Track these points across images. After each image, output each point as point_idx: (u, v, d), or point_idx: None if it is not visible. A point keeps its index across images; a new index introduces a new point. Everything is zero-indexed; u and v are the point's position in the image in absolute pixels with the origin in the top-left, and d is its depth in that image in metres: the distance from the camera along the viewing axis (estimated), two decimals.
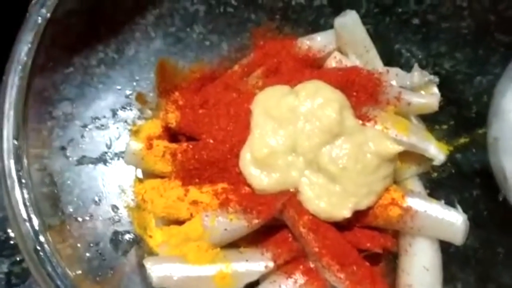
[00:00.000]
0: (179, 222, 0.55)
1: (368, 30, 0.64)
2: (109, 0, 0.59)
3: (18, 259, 0.63)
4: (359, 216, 0.54)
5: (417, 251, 0.55)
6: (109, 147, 0.61)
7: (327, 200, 0.53)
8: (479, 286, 0.58)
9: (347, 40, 0.63)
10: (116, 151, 0.61)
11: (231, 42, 0.66)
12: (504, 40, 0.61)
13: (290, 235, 0.55)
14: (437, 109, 0.60)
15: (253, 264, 0.53)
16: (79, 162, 0.59)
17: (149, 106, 0.63)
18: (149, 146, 0.57)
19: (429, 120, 0.63)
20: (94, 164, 0.60)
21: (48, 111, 0.57)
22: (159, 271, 0.52)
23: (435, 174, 0.63)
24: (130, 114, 0.63)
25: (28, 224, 0.48)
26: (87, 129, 0.60)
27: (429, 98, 0.60)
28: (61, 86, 0.58)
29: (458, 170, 0.63)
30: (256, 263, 0.53)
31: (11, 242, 0.63)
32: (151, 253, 0.56)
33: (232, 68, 0.65)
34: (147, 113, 0.63)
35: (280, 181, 0.53)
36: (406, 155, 0.58)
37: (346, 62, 0.63)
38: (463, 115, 0.63)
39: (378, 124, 0.56)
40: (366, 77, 0.59)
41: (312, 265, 0.54)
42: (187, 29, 0.64)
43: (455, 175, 0.63)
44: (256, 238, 0.55)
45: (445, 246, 0.56)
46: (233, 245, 0.55)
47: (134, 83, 0.63)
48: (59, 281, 0.47)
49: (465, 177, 0.62)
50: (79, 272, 0.52)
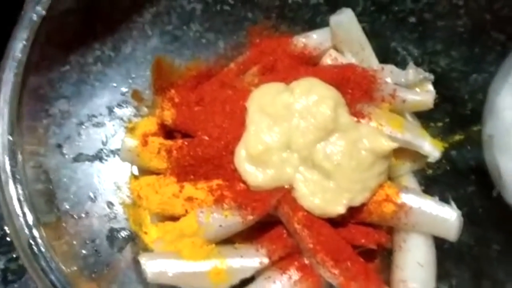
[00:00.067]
0: (174, 219, 0.55)
1: (365, 28, 0.64)
2: None
3: (15, 256, 0.63)
4: (354, 213, 0.54)
5: (411, 247, 0.55)
6: (105, 144, 0.61)
7: (322, 197, 0.53)
8: (474, 283, 0.58)
9: (343, 38, 0.63)
10: (112, 148, 0.62)
11: (228, 40, 0.66)
12: (500, 39, 0.61)
13: (285, 232, 0.55)
14: (432, 107, 0.60)
15: (248, 260, 0.53)
16: (75, 160, 0.59)
17: (145, 104, 0.63)
18: (144, 143, 0.57)
19: (424, 117, 0.63)
20: (90, 162, 0.60)
21: (45, 109, 0.57)
22: (154, 267, 0.52)
23: (430, 171, 0.63)
24: (127, 112, 0.63)
25: (22, 219, 0.48)
26: (84, 127, 0.60)
27: (424, 96, 0.60)
28: (58, 84, 0.58)
29: (453, 167, 0.63)
30: (251, 259, 0.53)
31: (8, 239, 0.63)
32: (147, 250, 0.56)
33: (228, 66, 0.65)
34: (143, 111, 0.63)
35: (275, 178, 0.54)
36: (401, 152, 0.58)
37: (342, 60, 0.63)
38: (458, 113, 0.63)
39: (373, 121, 0.56)
40: (361, 75, 0.59)
41: (307, 261, 0.54)
42: (184, 27, 0.65)
43: (450, 172, 0.63)
44: (251, 234, 0.56)
45: (440, 243, 0.56)
46: (228, 241, 0.55)
47: (131, 81, 0.63)
48: (53, 276, 0.47)
49: (460, 174, 0.62)
50: (75, 269, 0.52)
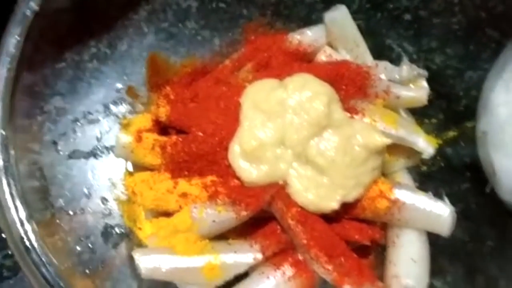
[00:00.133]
0: (168, 214, 0.55)
1: (360, 26, 0.64)
2: None
3: (10, 253, 0.63)
4: (347, 208, 0.54)
5: (405, 243, 0.55)
6: (100, 141, 0.61)
7: (315, 192, 0.53)
8: (468, 278, 0.58)
9: (337, 35, 0.63)
10: (107, 145, 0.62)
11: (223, 37, 0.66)
12: (494, 36, 0.61)
13: (279, 227, 0.55)
14: (426, 103, 0.60)
15: (242, 256, 0.53)
16: (70, 156, 0.59)
17: (140, 101, 0.63)
18: (139, 139, 0.57)
19: (419, 114, 0.63)
20: (85, 158, 0.60)
21: (40, 106, 0.57)
22: (148, 263, 0.52)
23: (425, 168, 0.63)
24: (122, 109, 0.63)
25: (14, 213, 0.49)
26: (79, 124, 0.60)
27: (418, 92, 0.60)
28: (53, 81, 0.58)
29: (447, 164, 0.63)
30: (245, 255, 0.53)
31: (3, 236, 0.63)
32: (141, 246, 0.56)
33: (223, 63, 0.65)
34: (139, 108, 0.63)
35: (269, 174, 0.54)
36: (395, 148, 0.58)
37: (336, 57, 0.63)
38: (453, 109, 0.63)
39: (366, 117, 0.57)
40: (355, 71, 0.59)
41: (301, 257, 0.54)
42: (180, 25, 0.65)
43: (444, 169, 0.63)
44: (245, 230, 0.56)
45: (434, 239, 0.56)
46: (222, 237, 0.55)
47: (126, 78, 0.63)
48: (44, 269, 0.47)
49: (454, 171, 0.62)
50: (70, 265, 0.52)
